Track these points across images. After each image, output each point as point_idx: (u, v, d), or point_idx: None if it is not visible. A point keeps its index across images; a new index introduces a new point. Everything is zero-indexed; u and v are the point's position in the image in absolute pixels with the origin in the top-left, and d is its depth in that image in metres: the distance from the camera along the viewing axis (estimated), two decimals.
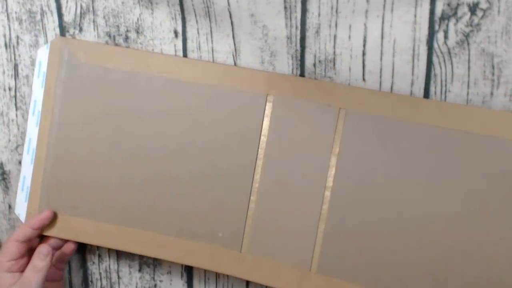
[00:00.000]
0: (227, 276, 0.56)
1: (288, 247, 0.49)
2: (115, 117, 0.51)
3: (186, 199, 0.50)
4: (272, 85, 0.48)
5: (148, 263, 0.60)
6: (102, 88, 0.51)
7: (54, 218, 0.53)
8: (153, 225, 0.51)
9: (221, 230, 0.50)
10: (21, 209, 0.55)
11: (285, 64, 0.51)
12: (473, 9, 0.45)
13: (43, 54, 0.53)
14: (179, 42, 0.53)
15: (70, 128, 0.52)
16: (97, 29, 0.54)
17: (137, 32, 0.53)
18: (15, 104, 0.58)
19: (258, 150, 0.48)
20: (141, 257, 0.59)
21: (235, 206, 0.49)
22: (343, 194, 0.47)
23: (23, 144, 0.59)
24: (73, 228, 0.53)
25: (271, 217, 0.49)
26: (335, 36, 0.49)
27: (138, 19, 0.53)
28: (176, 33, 0.53)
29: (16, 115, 0.58)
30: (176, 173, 0.50)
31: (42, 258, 0.49)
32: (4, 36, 0.56)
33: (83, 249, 0.60)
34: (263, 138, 0.48)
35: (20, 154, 0.59)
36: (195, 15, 0.52)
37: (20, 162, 0.59)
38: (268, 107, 0.48)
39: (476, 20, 0.45)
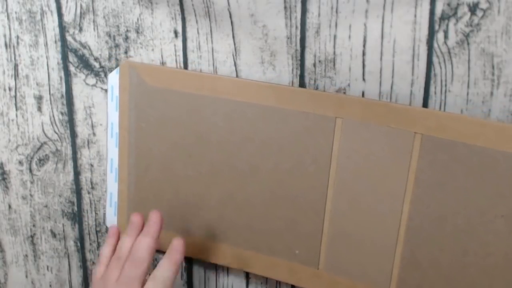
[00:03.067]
0: (227, 276, 0.56)
1: (366, 267, 0.48)
2: (186, 138, 0.51)
3: (261, 217, 0.50)
4: (341, 107, 0.46)
5: None
6: (170, 110, 0.51)
7: None
8: (232, 240, 0.52)
9: (297, 247, 0.50)
10: (111, 223, 0.58)
11: (285, 64, 0.51)
12: (473, 9, 0.45)
13: (113, 78, 0.54)
14: (179, 42, 0.53)
15: (146, 149, 0.54)
16: (97, 29, 0.54)
17: (137, 32, 0.53)
18: (15, 104, 0.58)
19: (329, 173, 0.47)
20: None
21: (309, 226, 0.49)
22: (421, 219, 0.46)
23: (23, 144, 0.59)
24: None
25: (346, 237, 0.48)
26: (335, 36, 0.49)
27: (138, 19, 0.53)
28: (176, 33, 0.53)
29: (16, 115, 0.58)
30: (249, 193, 0.50)
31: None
32: (4, 36, 0.56)
33: (83, 249, 0.60)
34: (334, 161, 0.47)
35: (20, 154, 0.59)
36: (195, 15, 0.52)
37: (20, 162, 0.59)
38: (338, 130, 0.46)
39: (476, 20, 0.45)
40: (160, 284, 0.45)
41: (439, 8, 0.46)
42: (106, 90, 0.56)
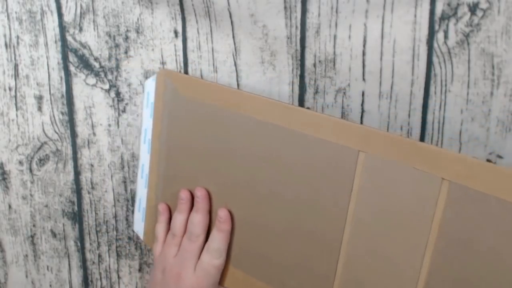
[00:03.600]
0: None
1: None
2: (211, 153, 0.51)
3: (276, 248, 0.49)
4: (365, 140, 0.42)
5: (148, 263, 0.60)
6: (199, 122, 0.51)
7: None
8: (246, 267, 0.51)
9: (310, 285, 0.48)
10: (139, 228, 0.57)
11: (285, 64, 0.51)
12: (473, 9, 0.45)
13: (150, 85, 0.54)
14: (179, 42, 0.53)
15: (175, 158, 0.53)
16: (97, 29, 0.54)
17: (137, 32, 0.53)
18: (15, 104, 0.58)
19: (348, 210, 0.44)
20: (141, 257, 0.59)
21: (323, 266, 0.46)
22: (441, 278, 0.41)
23: (23, 144, 0.59)
24: None
25: (359, 285, 0.45)
26: (335, 36, 0.49)
27: (138, 19, 0.53)
28: (176, 33, 0.53)
29: (16, 115, 0.58)
30: (267, 220, 0.49)
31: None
32: (4, 36, 0.56)
33: (83, 249, 0.60)
34: (354, 198, 0.44)
35: (21, 154, 0.59)
36: (195, 15, 0.52)
37: (20, 162, 0.59)
38: (360, 164, 0.43)
39: (476, 20, 0.45)
40: (215, 253, 0.48)
41: (439, 8, 0.46)
42: (106, 90, 0.56)
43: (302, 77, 0.51)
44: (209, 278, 0.48)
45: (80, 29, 0.54)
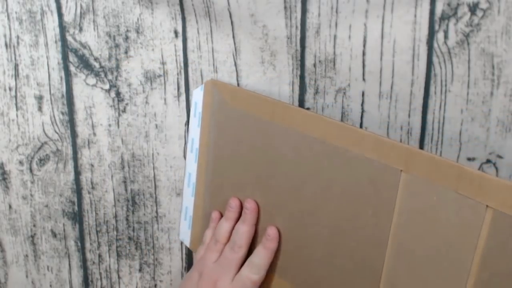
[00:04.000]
0: None
1: None
2: (257, 164, 0.51)
3: (319, 262, 0.48)
4: (408, 160, 0.41)
5: (148, 263, 0.60)
6: (245, 132, 0.51)
7: None
8: (290, 278, 0.50)
9: None
10: (185, 236, 0.58)
11: (285, 64, 0.51)
12: (473, 9, 0.45)
13: (198, 95, 0.54)
14: (179, 42, 0.53)
15: (221, 167, 0.53)
16: (97, 29, 0.54)
17: (137, 32, 0.53)
18: (16, 104, 0.58)
19: (390, 231, 0.42)
20: (141, 257, 0.59)
21: (364, 285, 0.45)
22: None
23: (23, 144, 0.59)
24: None
25: None
26: (335, 36, 0.49)
27: (138, 19, 0.53)
28: (176, 33, 0.53)
29: (17, 115, 0.58)
30: (309, 234, 0.48)
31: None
32: (5, 36, 0.56)
33: (83, 249, 0.60)
34: (395, 218, 0.42)
35: (21, 154, 0.59)
36: (195, 15, 0.52)
37: (20, 162, 0.59)
38: (402, 185, 0.41)
39: (476, 20, 0.45)
40: (255, 269, 0.48)
41: (439, 8, 0.46)
42: (106, 90, 0.56)
43: (302, 77, 0.51)
44: None
45: (80, 29, 0.54)
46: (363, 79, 0.49)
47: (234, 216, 0.51)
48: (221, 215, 0.53)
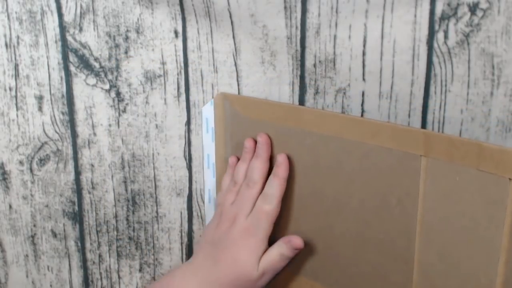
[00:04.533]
0: None
1: None
2: None
3: (349, 259, 0.48)
4: (427, 145, 0.41)
5: (149, 263, 0.60)
6: None
7: None
8: (321, 278, 0.50)
9: None
10: None
11: (285, 64, 0.51)
12: (473, 9, 0.45)
13: (208, 111, 0.54)
14: (179, 42, 0.53)
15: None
16: (97, 29, 0.54)
17: (137, 32, 0.53)
18: (16, 104, 0.58)
19: (417, 218, 0.42)
20: (141, 257, 0.59)
21: (398, 275, 0.45)
22: None
23: (23, 144, 0.59)
24: None
25: None
26: (335, 36, 0.49)
27: (138, 19, 0.53)
28: (176, 33, 0.53)
29: (17, 115, 0.58)
30: (336, 231, 0.48)
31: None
32: (5, 36, 0.56)
33: (83, 249, 0.60)
34: (421, 204, 0.42)
35: (21, 154, 0.59)
36: (195, 15, 0.52)
37: (21, 162, 0.59)
38: (423, 170, 0.41)
39: (476, 20, 0.45)
40: (269, 200, 0.47)
41: (439, 8, 0.46)
42: (106, 90, 0.56)
43: (302, 77, 0.51)
44: (259, 225, 0.47)
45: (80, 29, 0.54)
46: (363, 79, 0.49)
47: (250, 156, 0.50)
48: (238, 161, 0.53)
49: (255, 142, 0.50)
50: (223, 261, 0.48)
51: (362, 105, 0.51)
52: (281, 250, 0.48)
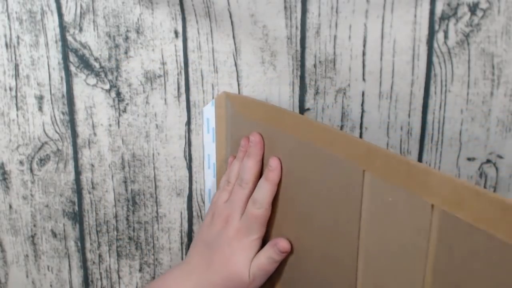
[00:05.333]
0: None
1: None
2: None
3: (303, 267, 0.47)
4: (367, 158, 0.38)
5: (149, 263, 0.60)
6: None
7: None
8: (289, 285, 0.50)
9: None
10: None
11: (285, 65, 0.51)
12: (473, 9, 0.45)
13: (209, 111, 0.54)
14: (179, 42, 0.53)
15: None
16: (97, 29, 0.54)
17: (137, 32, 0.53)
18: (16, 104, 0.58)
19: (359, 236, 0.40)
20: (141, 257, 0.59)
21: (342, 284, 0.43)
22: None
23: (23, 144, 0.59)
24: None
25: None
26: (335, 36, 0.49)
27: (138, 19, 0.53)
28: (176, 33, 0.53)
29: (17, 115, 0.58)
30: (301, 239, 0.47)
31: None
32: (5, 36, 0.56)
33: (83, 249, 0.60)
34: (363, 223, 0.40)
35: (21, 154, 0.59)
36: (195, 15, 0.52)
37: (21, 162, 0.59)
38: (366, 185, 0.38)
39: (476, 20, 0.45)
40: (258, 204, 0.47)
41: (439, 8, 0.46)
42: (106, 90, 0.56)
43: (302, 77, 0.51)
44: (250, 228, 0.47)
45: (80, 29, 0.54)
46: (363, 79, 0.49)
47: (244, 155, 0.50)
48: None
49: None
50: (216, 262, 0.48)
51: (362, 105, 0.51)
52: (268, 253, 0.47)
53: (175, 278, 0.49)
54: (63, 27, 0.55)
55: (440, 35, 0.46)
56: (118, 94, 0.56)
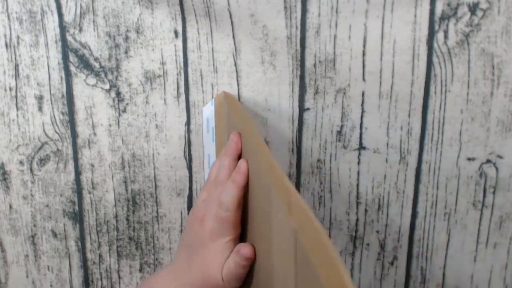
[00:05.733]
0: None
1: None
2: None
3: (259, 270, 0.45)
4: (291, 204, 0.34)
5: (149, 263, 0.60)
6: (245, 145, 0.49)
7: None
8: None
9: None
10: None
11: (285, 64, 0.51)
12: (473, 9, 0.45)
13: (208, 111, 0.54)
14: (179, 42, 0.53)
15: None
16: (97, 29, 0.54)
17: (137, 32, 0.53)
18: (16, 104, 0.58)
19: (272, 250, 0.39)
20: (141, 257, 0.59)
21: None
22: None
23: (24, 144, 0.59)
24: None
25: None
26: (335, 36, 0.49)
27: (138, 19, 0.53)
28: (176, 33, 0.53)
29: (17, 115, 0.58)
30: (258, 250, 0.45)
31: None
32: (5, 36, 0.56)
33: (84, 249, 0.60)
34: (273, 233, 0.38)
35: (21, 154, 0.59)
36: (195, 15, 0.52)
37: (21, 162, 0.60)
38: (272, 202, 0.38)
39: (476, 20, 0.45)
40: (225, 207, 0.46)
41: (439, 8, 0.46)
42: (106, 90, 0.56)
43: (302, 77, 0.51)
44: (222, 229, 0.46)
45: (80, 29, 0.54)
46: (363, 79, 0.49)
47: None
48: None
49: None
50: (194, 263, 0.47)
51: (362, 105, 0.51)
52: (234, 258, 0.46)
53: (162, 278, 0.49)
54: (63, 27, 0.55)
55: (440, 35, 0.46)
56: (118, 94, 0.56)
